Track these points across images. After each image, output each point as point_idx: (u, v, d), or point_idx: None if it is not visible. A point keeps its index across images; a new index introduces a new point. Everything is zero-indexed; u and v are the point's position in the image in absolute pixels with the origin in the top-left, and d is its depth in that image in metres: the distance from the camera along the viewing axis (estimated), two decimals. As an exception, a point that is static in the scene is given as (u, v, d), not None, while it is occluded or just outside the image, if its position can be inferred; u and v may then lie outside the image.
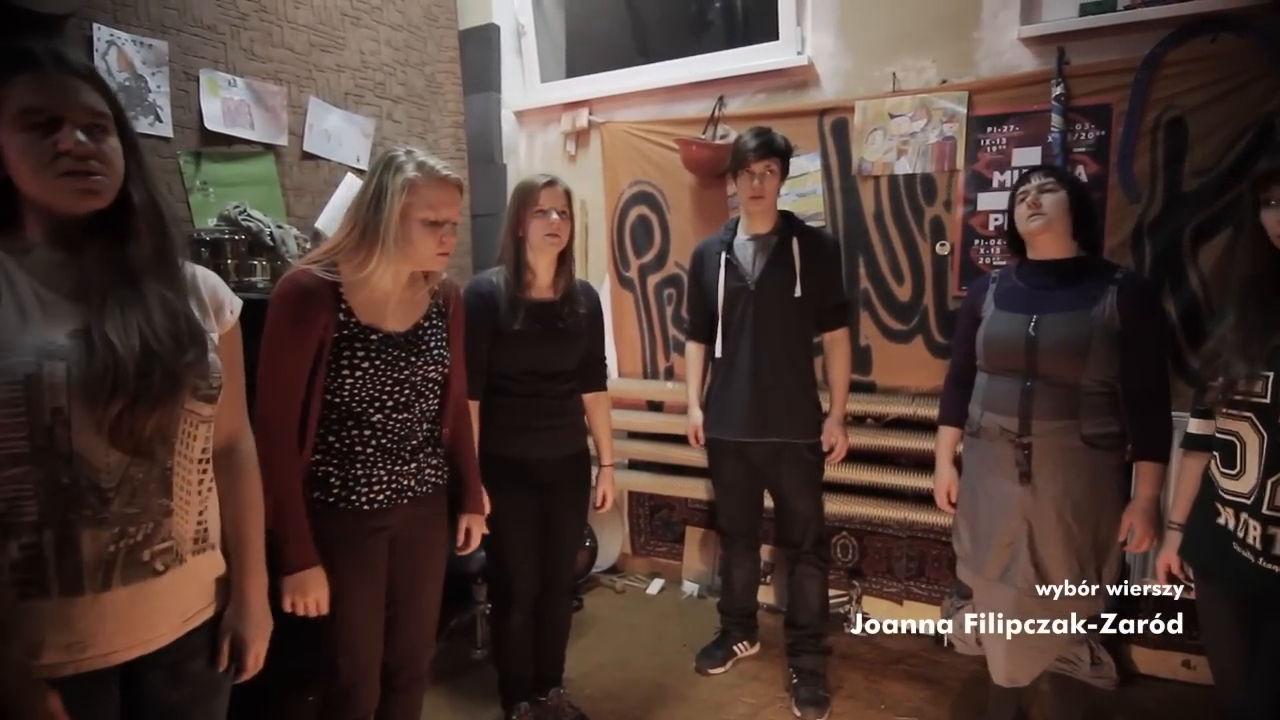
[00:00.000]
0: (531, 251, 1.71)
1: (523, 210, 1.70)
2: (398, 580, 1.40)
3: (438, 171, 1.29)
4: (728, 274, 2.05)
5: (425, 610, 1.46)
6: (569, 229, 1.73)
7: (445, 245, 1.31)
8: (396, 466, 1.35)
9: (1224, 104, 1.97)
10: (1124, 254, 2.09)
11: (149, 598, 0.90)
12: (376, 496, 1.32)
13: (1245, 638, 1.26)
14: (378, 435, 1.33)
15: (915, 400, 2.37)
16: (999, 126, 2.24)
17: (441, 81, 2.96)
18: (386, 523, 1.34)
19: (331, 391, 1.28)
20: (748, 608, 2.36)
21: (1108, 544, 1.63)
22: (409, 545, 1.40)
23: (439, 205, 1.29)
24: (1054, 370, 1.60)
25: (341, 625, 1.30)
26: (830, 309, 2.08)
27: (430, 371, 1.38)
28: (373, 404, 1.31)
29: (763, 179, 1.96)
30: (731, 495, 2.23)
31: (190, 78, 2.12)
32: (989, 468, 1.71)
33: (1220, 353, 1.27)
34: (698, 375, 2.23)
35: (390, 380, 1.32)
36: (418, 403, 1.37)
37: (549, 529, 1.83)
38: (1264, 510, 1.19)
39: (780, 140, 2.01)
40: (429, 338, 1.39)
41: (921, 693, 2.14)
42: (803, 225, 2.10)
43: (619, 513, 3.04)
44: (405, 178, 1.26)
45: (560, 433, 1.81)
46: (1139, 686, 2.16)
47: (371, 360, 1.29)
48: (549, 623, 1.91)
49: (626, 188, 2.84)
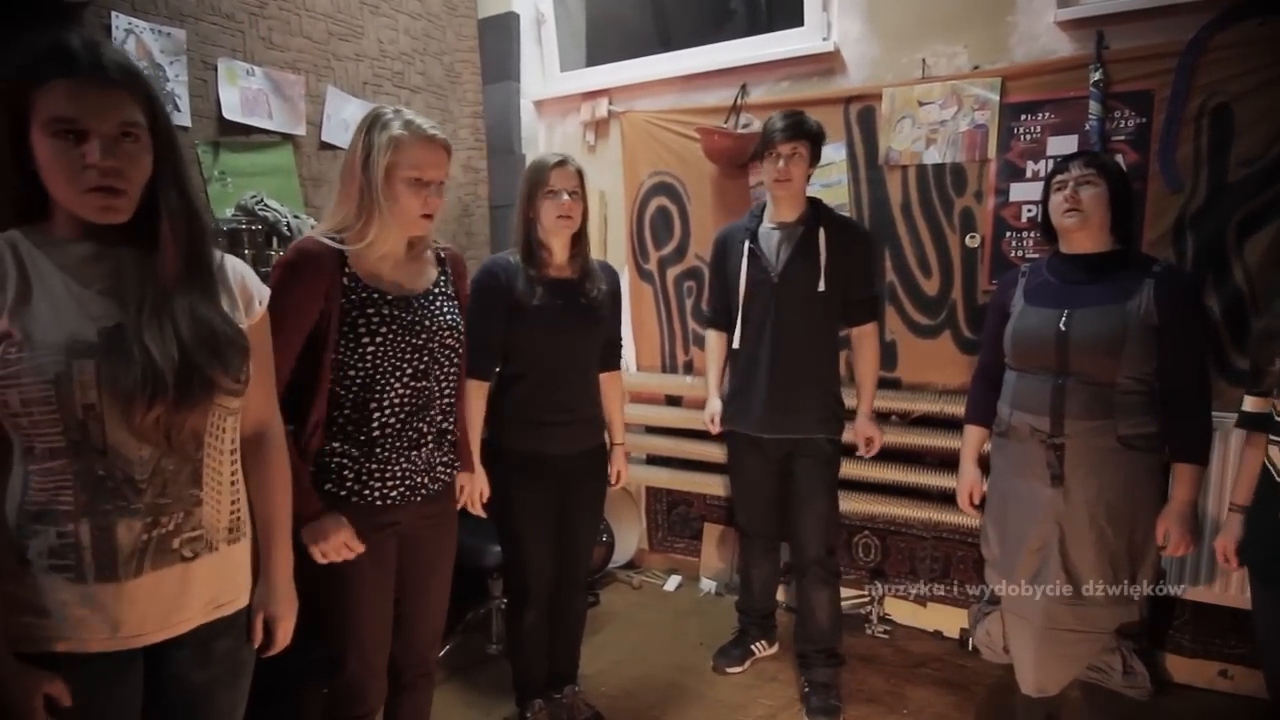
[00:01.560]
0: (544, 233, 1.68)
1: (534, 191, 1.66)
2: (406, 578, 1.38)
3: (424, 130, 1.26)
4: (751, 264, 1.99)
5: (434, 609, 1.44)
6: (581, 210, 1.69)
7: (429, 206, 1.29)
8: (411, 454, 1.32)
9: (1273, 90, 1.87)
10: (1164, 247, 2.00)
11: (179, 583, 0.93)
12: (390, 492, 1.30)
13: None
14: (398, 413, 1.30)
15: (942, 397, 2.30)
16: (1033, 114, 2.16)
17: (460, 71, 2.93)
18: (397, 519, 1.32)
19: (352, 364, 1.26)
20: (766, 608, 2.32)
21: (1144, 550, 1.57)
22: (418, 543, 1.38)
23: (424, 165, 1.25)
24: (1087, 368, 1.53)
25: (350, 621, 1.29)
26: (857, 303, 2.01)
27: (446, 338, 1.36)
28: (394, 373, 1.29)
29: (790, 162, 1.89)
30: (750, 493, 2.18)
31: (208, 67, 2.10)
32: (1018, 469, 1.65)
33: (1277, 332, 1.19)
34: (718, 364, 2.18)
35: (409, 346, 1.30)
36: (435, 370, 1.35)
37: (565, 525, 1.80)
38: None
39: (812, 123, 1.94)
40: (441, 302, 1.37)
41: (945, 698, 2.09)
42: (832, 214, 2.03)
43: (636, 508, 3.01)
44: (391, 135, 1.23)
45: (584, 427, 1.78)
46: (1172, 696, 2.08)
47: (389, 325, 1.27)
48: (564, 620, 1.89)
49: (646, 178, 2.79)
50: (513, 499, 1.68)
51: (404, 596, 1.38)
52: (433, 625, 1.45)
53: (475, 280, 1.68)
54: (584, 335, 1.73)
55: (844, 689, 2.11)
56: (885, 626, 2.47)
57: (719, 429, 2.15)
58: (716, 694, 2.13)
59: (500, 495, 1.66)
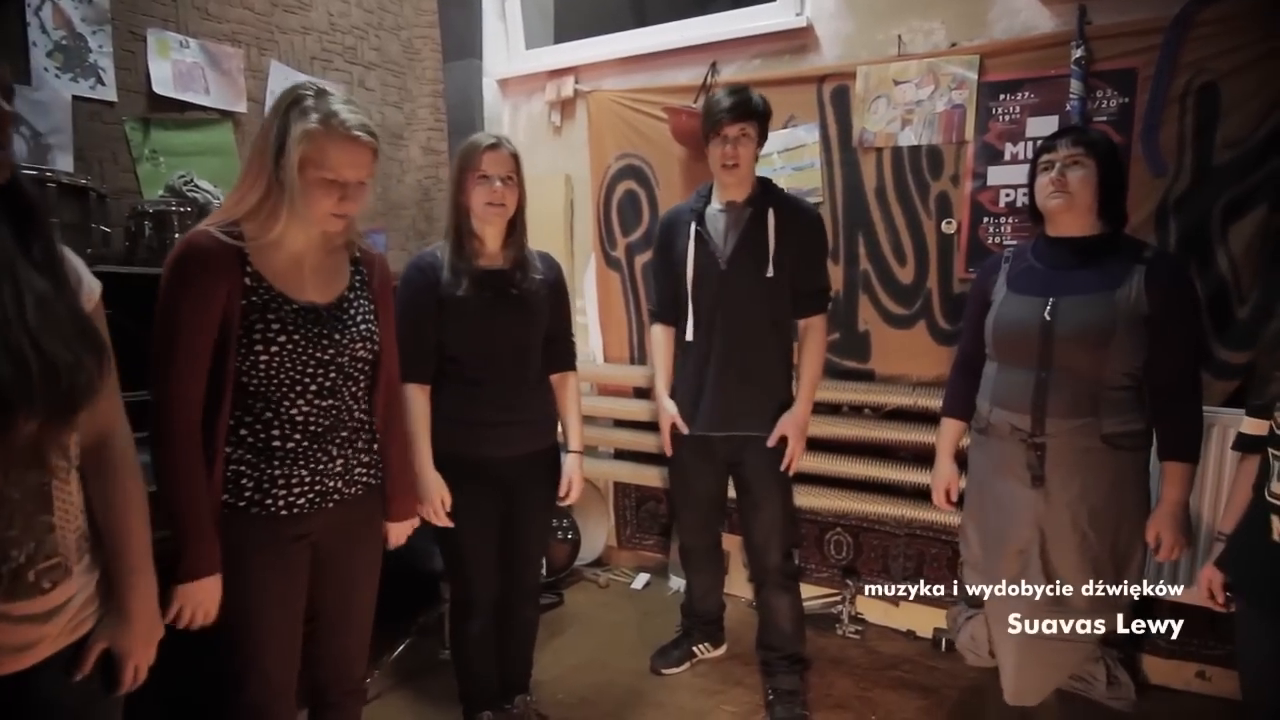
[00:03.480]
0: (476, 220, 1.56)
1: (464, 175, 1.54)
2: (324, 592, 1.26)
3: (346, 127, 1.11)
4: (698, 249, 1.86)
5: (357, 624, 1.33)
6: (517, 196, 1.57)
7: (343, 207, 1.15)
8: (321, 465, 1.20)
9: (1261, 68, 1.78)
10: (1146, 233, 1.91)
11: (37, 613, 0.83)
12: (296, 500, 1.18)
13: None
14: (299, 429, 1.17)
15: (916, 390, 2.21)
16: (1012, 93, 2.06)
17: (419, 47, 2.79)
18: (307, 529, 1.20)
19: (245, 373, 1.13)
20: (710, 613, 2.23)
21: (1128, 554, 1.48)
22: (336, 553, 1.26)
23: (339, 167, 1.12)
24: (1072, 361, 1.43)
25: (250, 640, 1.17)
26: (806, 294, 1.88)
27: (359, 350, 1.23)
28: (293, 389, 1.16)
29: (737, 144, 1.76)
30: (690, 500, 2.06)
31: (137, 37, 1.97)
32: (998, 469, 1.56)
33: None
34: (665, 363, 2.03)
35: (312, 360, 1.16)
36: (345, 387, 1.22)
37: (512, 533, 1.69)
38: None
39: (758, 100, 1.81)
40: (354, 311, 1.24)
41: (915, 703, 2.01)
42: (781, 195, 1.89)
43: (604, 504, 2.91)
44: (305, 128, 1.09)
45: (524, 429, 1.64)
46: (1150, 698, 2.01)
47: (289, 334, 1.14)
48: (515, 631, 1.78)
49: (613, 161, 2.67)
50: (452, 507, 1.56)
51: (323, 612, 1.27)
52: (357, 640, 1.34)
53: (402, 279, 1.56)
54: (516, 329, 1.60)
55: (811, 693, 2.03)
56: (857, 626, 2.39)
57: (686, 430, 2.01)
58: (678, 700, 2.04)
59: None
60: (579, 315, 2.87)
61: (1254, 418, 1.20)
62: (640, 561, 2.88)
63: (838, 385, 2.33)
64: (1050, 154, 1.49)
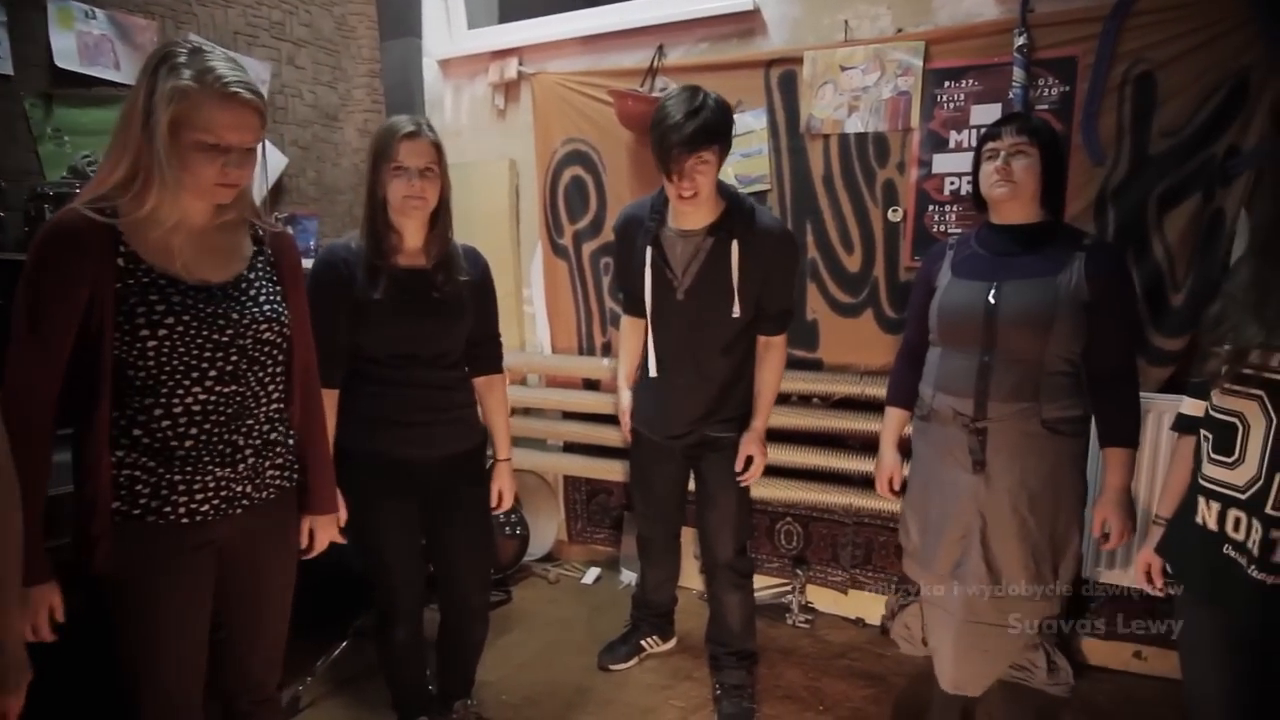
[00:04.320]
0: (394, 214, 1.45)
1: (379, 165, 1.42)
2: (232, 601, 1.18)
3: (222, 84, 1.00)
4: (655, 273, 1.72)
5: (269, 635, 1.24)
6: (438, 188, 1.45)
7: (228, 176, 1.04)
8: (225, 469, 1.10)
9: (1196, 57, 1.80)
10: (1086, 221, 1.92)
11: None
12: (200, 508, 1.08)
13: (1230, 659, 1.08)
14: (200, 424, 1.08)
15: (864, 379, 2.20)
16: (957, 81, 2.05)
17: (354, 24, 2.66)
18: (212, 536, 1.11)
19: (130, 364, 1.03)
20: (662, 606, 2.19)
21: (1066, 540, 1.49)
22: (244, 561, 1.17)
23: (219, 128, 1.01)
24: (1014, 344, 1.44)
25: (147, 657, 1.08)
26: (769, 317, 1.76)
27: (263, 331, 1.13)
28: (189, 375, 1.06)
29: (695, 175, 1.55)
30: (650, 495, 2.03)
31: (36, 6, 1.82)
32: (940, 455, 1.56)
33: (1229, 314, 1.06)
34: (631, 352, 1.98)
35: (209, 344, 1.07)
36: (251, 372, 1.12)
37: (441, 545, 1.60)
38: (1267, 510, 1.00)
39: (716, 115, 1.55)
40: (255, 291, 1.14)
41: (863, 691, 2.01)
42: (749, 218, 1.68)
43: (554, 498, 2.85)
44: (176, 85, 0.99)
45: (443, 429, 1.54)
46: (1088, 679, 2.05)
47: (177, 315, 1.04)
48: (458, 646, 1.70)
49: (560, 146, 2.60)
50: (367, 509, 1.47)
51: (231, 622, 1.19)
52: (269, 650, 1.25)
53: (311, 273, 1.44)
54: (438, 335, 1.51)
55: (760, 685, 2.02)
56: (807, 616, 2.39)
57: (628, 433, 2.00)
58: (626, 697, 2.01)
59: (353, 506, 1.44)
60: (525, 305, 2.80)
61: (1194, 398, 1.20)
62: (591, 555, 2.83)
63: (787, 375, 2.25)
64: (995, 142, 1.48)
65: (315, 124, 2.54)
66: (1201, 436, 1.13)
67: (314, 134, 2.54)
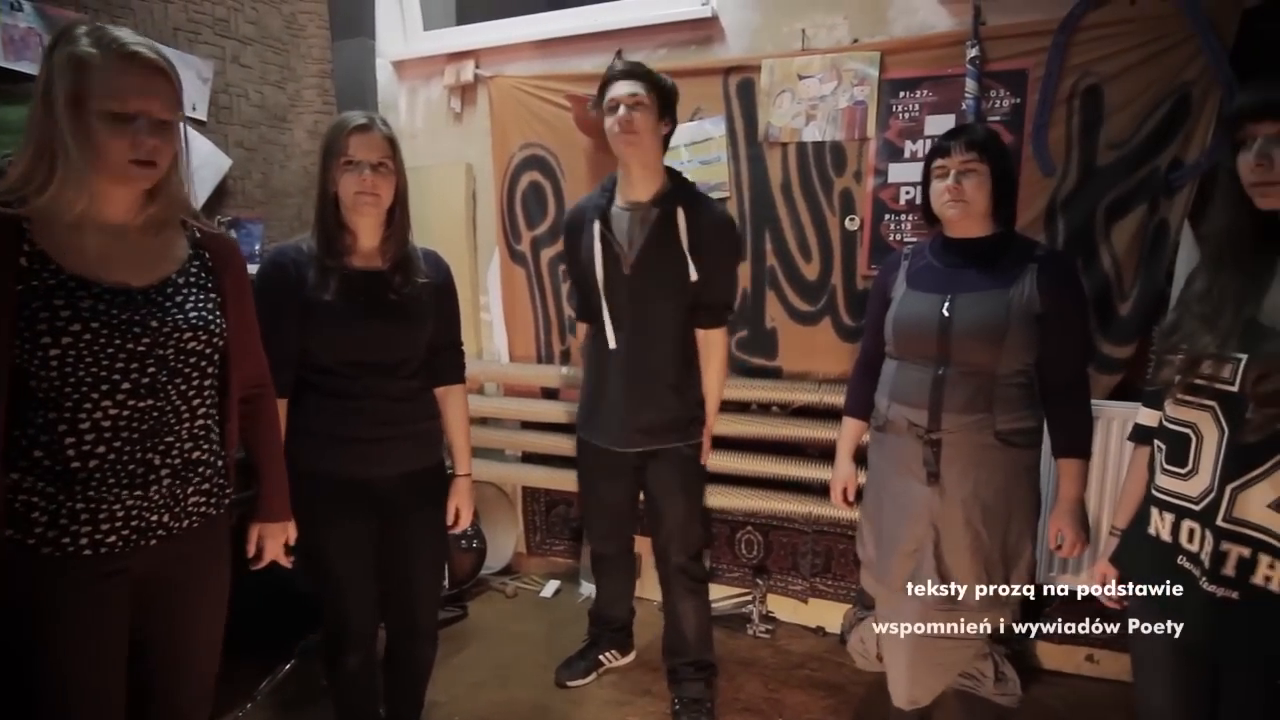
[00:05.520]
0: (346, 213, 1.39)
1: (330, 161, 1.36)
2: (153, 637, 1.09)
3: (119, 44, 0.94)
4: (604, 250, 1.74)
5: (195, 672, 1.15)
6: (393, 185, 1.40)
7: (141, 149, 0.96)
8: (136, 493, 1.02)
9: (1142, 71, 1.84)
10: (1036, 231, 1.95)
11: None
12: (105, 538, 1.00)
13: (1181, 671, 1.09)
14: (109, 438, 0.99)
15: (822, 387, 2.20)
16: (912, 91, 2.06)
17: (304, 23, 2.57)
18: (122, 565, 1.03)
19: (32, 375, 0.95)
20: (619, 619, 2.16)
21: (1018, 551, 1.50)
22: (165, 595, 1.08)
23: (124, 92, 0.93)
24: (968, 356, 1.44)
25: (47, 690, 0.99)
26: (708, 306, 1.77)
27: (187, 340, 1.04)
28: (97, 388, 0.97)
29: (632, 110, 1.63)
30: (599, 507, 1.99)
31: (-46, -4, 1.71)
32: (895, 466, 1.56)
33: (1183, 324, 1.07)
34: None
35: (122, 353, 0.98)
36: (173, 385, 1.04)
37: (395, 562, 1.52)
38: (1218, 521, 1.00)
39: (659, 74, 1.70)
40: (182, 298, 1.06)
41: (822, 702, 2.00)
42: (693, 192, 1.78)
43: (513, 510, 2.80)
44: (72, 52, 0.92)
45: (401, 445, 1.47)
46: (1042, 683, 2.07)
47: (85, 322, 0.96)
48: (406, 670, 1.63)
49: (517, 150, 2.55)
50: (319, 533, 1.40)
51: (151, 660, 1.10)
52: (196, 687, 1.16)
53: (258, 276, 1.37)
54: (394, 340, 1.44)
55: (720, 697, 1.99)
56: (767, 625, 2.37)
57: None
58: (583, 714, 1.96)
59: (305, 528, 1.37)
60: (483, 312, 2.74)
61: (1148, 408, 1.20)
62: (551, 568, 2.78)
63: (746, 383, 2.29)
64: (944, 159, 1.47)
65: (262, 125, 2.45)
66: (1155, 447, 1.13)
67: (261, 135, 2.45)
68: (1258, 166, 0.96)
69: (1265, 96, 0.97)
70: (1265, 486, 0.95)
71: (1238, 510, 0.98)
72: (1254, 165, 0.97)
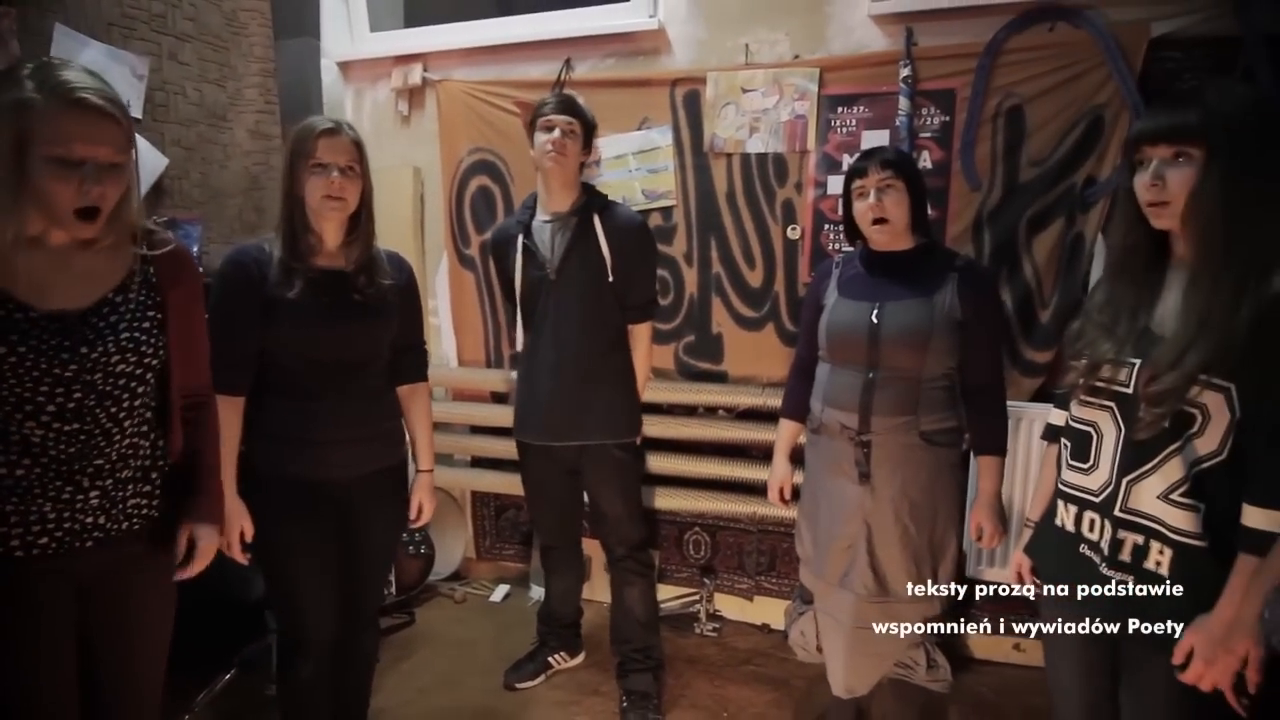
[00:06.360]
0: (312, 215, 1.40)
1: (297, 163, 1.37)
2: (97, 644, 1.07)
3: (67, 88, 0.92)
4: (526, 262, 1.85)
5: (143, 678, 1.14)
6: (359, 189, 1.41)
7: (88, 196, 0.94)
8: (64, 497, 1.01)
9: (1059, 94, 1.96)
10: (965, 243, 2.06)
11: None
12: (37, 540, 0.99)
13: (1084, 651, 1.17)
14: (33, 452, 0.98)
15: (766, 390, 2.27)
16: (849, 107, 2.16)
17: (246, 21, 2.52)
18: (58, 566, 1.02)
19: None
20: (568, 617, 2.19)
21: (944, 544, 1.58)
22: (105, 599, 1.07)
23: (70, 139, 0.92)
24: (896, 361, 1.52)
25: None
26: (632, 306, 1.90)
27: (115, 364, 1.03)
28: (20, 408, 0.96)
29: (565, 137, 1.78)
30: (545, 505, 2.04)
31: None
32: (829, 467, 1.63)
33: (1085, 331, 1.15)
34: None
35: (47, 378, 0.97)
36: (102, 408, 1.03)
37: (352, 559, 1.51)
38: (1116, 512, 1.09)
39: (586, 111, 1.85)
40: (117, 318, 1.05)
41: (766, 696, 2.06)
42: (606, 202, 1.90)
43: (462, 515, 2.78)
44: (17, 97, 0.91)
45: (367, 446, 1.47)
46: (973, 672, 2.18)
47: (11, 345, 0.95)
48: (352, 664, 1.62)
49: (466, 155, 2.56)
50: (279, 537, 1.39)
51: (97, 667, 1.08)
52: (141, 697, 1.14)
53: (218, 273, 1.37)
54: (358, 339, 1.44)
55: (667, 695, 2.04)
56: (715, 624, 2.42)
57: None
58: (531, 716, 1.98)
59: (263, 533, 1.36)
60: (431, 316, 2.72)
61: (1058, 408, 1.29)
62: (500, 573, 2.78)
63: (693, 387, 2.35)
64: (862, 180, 1.54)
65: (200, 123, 2.39)
66: (1062, 444, 1.22)
67: (199, 134, 2.39)
68: (1152, 187, 1.04)
69: (1160, 121, 1.05)
70: (1155, 479, 1.04)
71: (1133, 501, 1.07)
72: (1149, 185, 1.04)
